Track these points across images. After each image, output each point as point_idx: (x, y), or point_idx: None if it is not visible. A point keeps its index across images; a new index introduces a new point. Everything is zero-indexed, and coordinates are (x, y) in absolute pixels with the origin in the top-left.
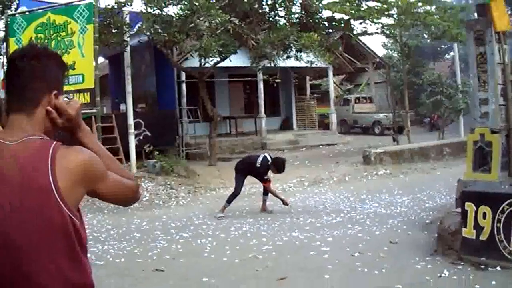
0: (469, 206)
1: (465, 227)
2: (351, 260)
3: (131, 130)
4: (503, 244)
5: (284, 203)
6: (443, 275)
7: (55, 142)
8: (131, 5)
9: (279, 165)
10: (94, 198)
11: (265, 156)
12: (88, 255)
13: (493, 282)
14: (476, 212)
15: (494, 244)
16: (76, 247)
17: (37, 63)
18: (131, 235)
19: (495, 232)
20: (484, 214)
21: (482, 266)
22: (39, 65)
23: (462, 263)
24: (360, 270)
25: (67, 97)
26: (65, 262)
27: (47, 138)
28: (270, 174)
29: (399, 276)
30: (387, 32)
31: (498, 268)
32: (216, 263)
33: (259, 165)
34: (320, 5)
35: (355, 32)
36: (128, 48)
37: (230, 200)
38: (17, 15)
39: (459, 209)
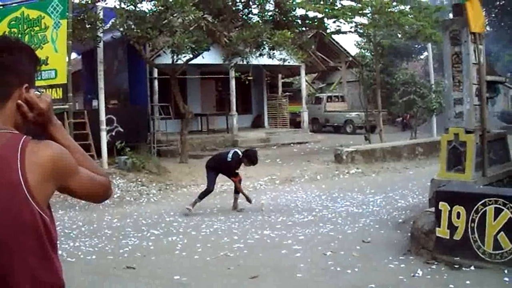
0: (443, 206)
1: (439, 226)
2: (324, 259)
3: (103, 126)
4: (477, 244)
5: (248, 200)
6: (416, 274)
7: (25, 136)
8: (105, 0)
9: (251, 156)
10: (66, 194)
11: (235, 151)
12: (60, 252)
13: (467, 282)
14: (450, 212)
15: (468, 244)
16: (46, 246)
17: (9, 55)
18: (102, 232)
19: (469, 232)
20: (458, 213)
21: (456, 266)
22: (10, 58)
23: (436, 263)
24: (333, 269)
25: (38, 91)
26: (34, 261)
27: (17, 132)
28: (241, 170)
29: (372, 276)
30: (361, 31)
31: (472, 267)
32: (188, 261)
33: (230, 159)
34: (294, 3)
35: (328, 31)
36: (101, 44)
37: (201, 196)
38: None
39: (432, 209)
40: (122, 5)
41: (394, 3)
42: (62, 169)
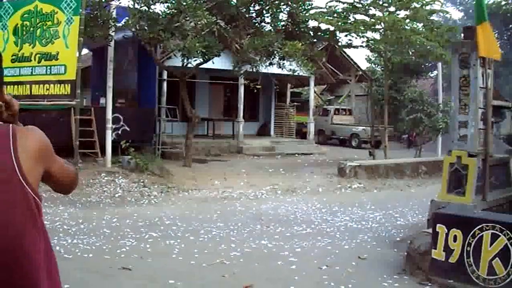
0: (440, 228)
1: (435, 248)
2: (318, 273)
3: (109, 125)
4: (471, 268)
5: None
6: None
7: (11, 124)
8: None
9: None
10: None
11: None
12: (57, 248)
13: None
14: (447, 235)
15: (463, 267)
16: (40, 228)
17: None
18: (101, 231)
19: (465, 256)
20: (455, 237)
21: None
22: None
23: (429, 284)
24: (327, 283)
25: (9, 94)
26: (31, 244)
27: (1, 123)
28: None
29: None
30: (372, 46)
31: None
32: (184, 266)
33: None
34: (307, 14)
35: (340, 44)
36: (112, 43)
37: None
38: (5, 1)
39: (430, 230)
40: (136, 5)
41: (407, 21)
42: (48, 152)
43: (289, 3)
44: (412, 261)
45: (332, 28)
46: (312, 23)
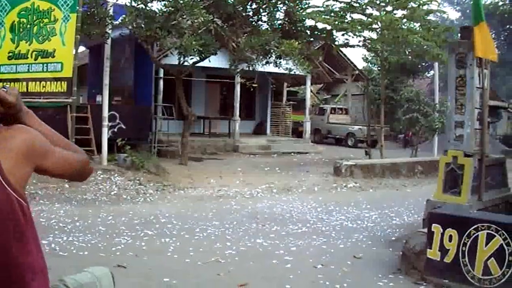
0: (436, 228)
1: (430, 248)
2: (314, 272)
3: (105, 123)
4: (467, 268)
5: None
6: None
7: None
8: None
9: None
10: (64, 188)
11: None
12: (52, 246)
13: None
14: (442, 234)
15: (458, 267)
16: (25, 230)
17: None
18: (96, 228)
19: (460, 256)
20: (450, 236)
21: None
22: None
23: (424, 284)
24: (322, 282)
25: (4, 88)
26: (14, 243)
27: None
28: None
29: None
30: (369, 45)
31: None
32: (179, 264)
33: None
34: (304, 13)
35: (336, 43)
36: (109, 41)
37: None
38: None
39: (425, 229)
40: (133, 3)
41: (404, 20)
42: (35, 151)
43: (286, 2)
44: (407, 261)
45: (329, 27)
46: (309, 22)
